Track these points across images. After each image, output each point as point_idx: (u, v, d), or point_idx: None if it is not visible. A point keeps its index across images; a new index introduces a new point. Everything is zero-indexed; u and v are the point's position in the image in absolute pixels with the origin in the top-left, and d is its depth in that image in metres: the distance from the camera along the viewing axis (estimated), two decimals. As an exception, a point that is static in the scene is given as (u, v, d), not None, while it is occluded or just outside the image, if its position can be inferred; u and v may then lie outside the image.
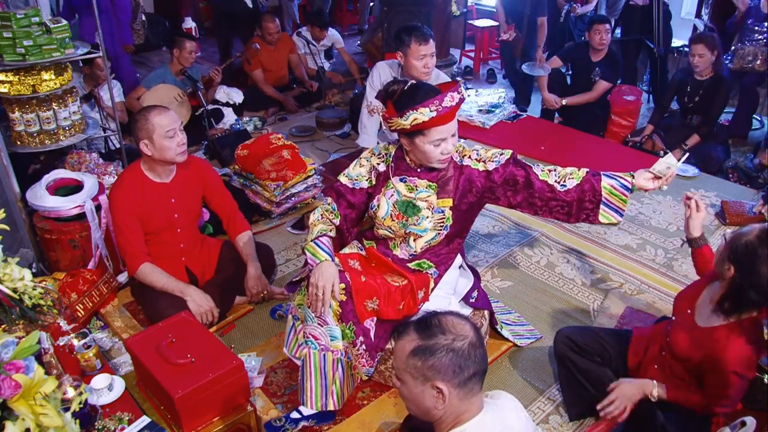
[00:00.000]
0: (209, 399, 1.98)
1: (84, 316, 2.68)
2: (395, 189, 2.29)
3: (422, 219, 2.27)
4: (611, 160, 4.32)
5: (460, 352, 1.37)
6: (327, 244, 2.24)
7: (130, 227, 2.57)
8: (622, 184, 2.21)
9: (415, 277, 2.29)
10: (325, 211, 2.35)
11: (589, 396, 2.21)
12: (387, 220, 2.31)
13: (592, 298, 3.00)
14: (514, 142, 4.65)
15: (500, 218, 3.68)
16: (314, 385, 2.19)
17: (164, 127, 2.47)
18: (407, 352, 1.40)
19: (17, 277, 1.88)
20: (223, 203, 2.84)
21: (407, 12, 4.89)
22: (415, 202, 2.26)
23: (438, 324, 1.41)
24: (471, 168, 2.26)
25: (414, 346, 1.39)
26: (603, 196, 2.21)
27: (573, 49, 4.92)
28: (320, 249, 2.21)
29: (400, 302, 2.26)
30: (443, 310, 1.49)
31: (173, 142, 2.51)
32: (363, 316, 2.23)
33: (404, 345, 1.41)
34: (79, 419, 1.60)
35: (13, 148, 3.01)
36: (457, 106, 2.11)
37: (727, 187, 4.02)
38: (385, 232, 2.36)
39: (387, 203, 2.30)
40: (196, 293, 2.61)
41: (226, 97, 4.98)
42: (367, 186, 2.36)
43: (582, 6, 5.85)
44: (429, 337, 1.39)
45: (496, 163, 2.26)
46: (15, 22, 2.75)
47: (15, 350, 1.45)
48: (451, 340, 1.38)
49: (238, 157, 3.76)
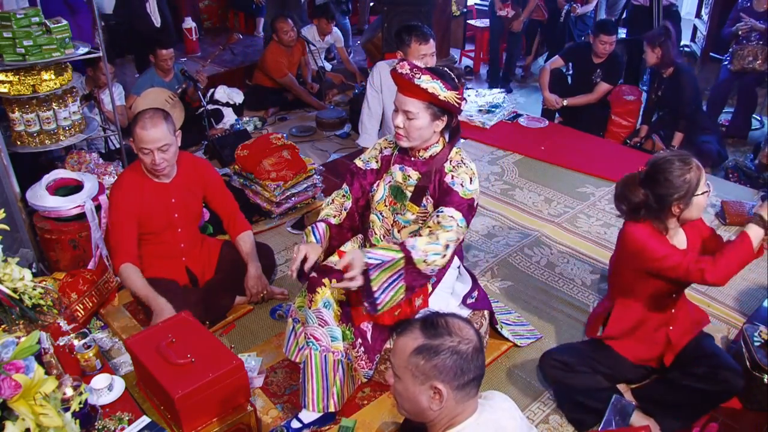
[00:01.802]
0: (209, 399, 1.98)
1: (84, 316, 2.68)
2: (392, 175, 2.31)
3: (406, 211, 2.28)
4: (611, 160, 4.32)
5: (465, 355, 1.37)
6: (321, 231, 2.30)
7: (123, 226, 2.55)
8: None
9: None
10: (338, 196, 2.42)
11: (590, 407, 2.24)
12: (380, 204, 2.34)
13: (592, 298, 3.00)
14: (514, 142, 4.65)
15: (500, 218, 3.68)
16: (315, 387, 2.19)
17: (140, 142, 2.44)
18: (410, 349, 1.39)
19: (17, 277, 1.88)
20: (224, 203, 2.84)
21: (407, 12, 4.89)
22: (403, 189, 2.27)
23: (444, 325, 1.40)
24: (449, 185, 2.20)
25: (418, 345, 1.38)
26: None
27: (575, 50, 4.92)
28: (313, 234, 2.28)
29: (396, 308, 2.25)
30: (446, 311, 1.49)
31: (147, 159, 2.48)
32: (358, 319, 2.23)
33: (407, 342, 1.40)
34: (79, 419, 1.60)
35: (13, 148, 3.00)
36: (406, 79, 2.06)
37: (727, 187, 4.02)
38: (375, 218, 2.38)
39: (384, 187, 2.33)
40: (166, 309, 2.46)
41: (226, 97, 4.97)
42: (376, 167, 2.39)
43: (582, 6, 5.86)
44: (434, 337, 1.38)
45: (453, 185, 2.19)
46: (15, 22, 2.75)
47: (15, 350, 1.45)
48: (456, 342, 1.37)
49: (238, 157, 3.76)
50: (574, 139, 4.63)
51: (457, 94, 2.10)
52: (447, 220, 2.13)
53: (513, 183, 4.11)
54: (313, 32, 5.77)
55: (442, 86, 2.06)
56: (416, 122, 2.13)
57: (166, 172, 2.57)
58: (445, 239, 2.11)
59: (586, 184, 4.07)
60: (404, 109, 2.12)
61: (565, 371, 2.28)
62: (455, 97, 2.10)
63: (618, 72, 4.72)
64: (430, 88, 2.05)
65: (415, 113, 2.11)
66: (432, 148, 2.24)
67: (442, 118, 2.17)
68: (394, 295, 2.13)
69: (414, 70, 2.07)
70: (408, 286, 2.15)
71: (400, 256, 2.08)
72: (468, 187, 2.17)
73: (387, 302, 2.13)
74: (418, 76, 2.06)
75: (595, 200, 3.87)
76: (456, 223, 2.13)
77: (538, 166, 4.32)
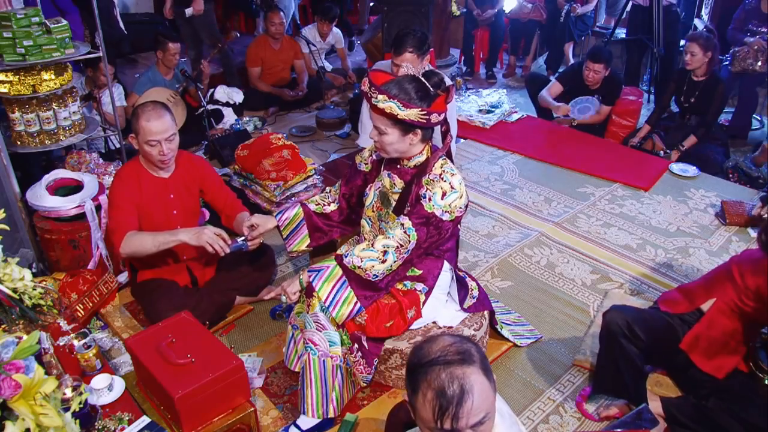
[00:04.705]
0: (209, 399, 1.98)
1: (84, 316, 2.68)
2: (381, 180, 2.30)
3: (389, 219, 2.25)
4: (611, 160, 4.32)
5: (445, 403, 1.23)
6: (290, 211, 2.42)
7: (123, 210, 2.51)
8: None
9: (404, 298, 2.27)
10: (332, 188, 2.50)
11: (621, 381, 2.23)
12: (369, 209, 2.33)
13: (592, 298, 3.00)
14: (514, 142, 4.65)
15: (500, 218, 3.68)
16: (315, 393, 2.19)
17: (148, 135, 2.44)
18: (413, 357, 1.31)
19: (17, 277, 1.88)
20: (221, 196, 2.79)
21: (407, 12, 4.89)
22: (389, 196, 2.25)
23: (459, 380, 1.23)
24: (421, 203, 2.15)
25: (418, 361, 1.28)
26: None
27: (571, 74, 4.79)
28: (279, 213, 2.43)
29: (388, 320, 2.25)
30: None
31: (154, 151, 2.48)
32: (350, 328, 2.24)
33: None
34: (79, 419, 1.60)
35: (13, 148, 3.00)
36: (366, 97, 2.03)
37: (727, 187, 4.02)
38: (364, 223, 2.38)
39: (374, 193, 2.32)
40: (188, 233, 2.42)
41: (226, 97, 4.97)
42: (365, 170, 2.39)
43: (582, 6, 5.86)
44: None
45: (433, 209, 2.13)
46: (15, 22, 2.75)
47: (15, 350, 1.45)
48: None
49: (238, 157, 3.76)
50: (574, 139, 4.64)
51: (420, 110, 1.99)
52: (393, 227, 2.14)
53: (513, 183, 4.11)
54: (313, 33, 5.77)
55: (399, 105, 1.97)
56: (386, 137, 2.08)
57: (171, 163, 2.57)
58: (381, 245, 2.11)
59: (586, 184, 4.07)
60: (375, 124, 2.09)
61: (626, 337, 2.21)
62: (418, 114, 1.99)
63: (616, 93, 4.66)
64: (387, 108, 1.99)
65: (383, 129, 2.06)
66: (416, 158, 2.17)
67: (414, 132, 2.08)
68: (344, 303, 2.14)
69: (372, 89, 2.00)
70: (358, 295, 2.15)
71: (333, 263, 2.15)
72: (436, 201, 2.09)
73: (339, 310, 2.14)
74: (375, 96, 2.00)
75: (595, 200, 3.87)
76: (401, 231, 2.11)
77: (538, 166, 4.32)
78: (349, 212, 2.47)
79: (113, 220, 2.54)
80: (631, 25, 5.46)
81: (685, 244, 3.42)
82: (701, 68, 4.16)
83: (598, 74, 4.49)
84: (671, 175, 4.14)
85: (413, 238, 2.12)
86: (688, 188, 3.99)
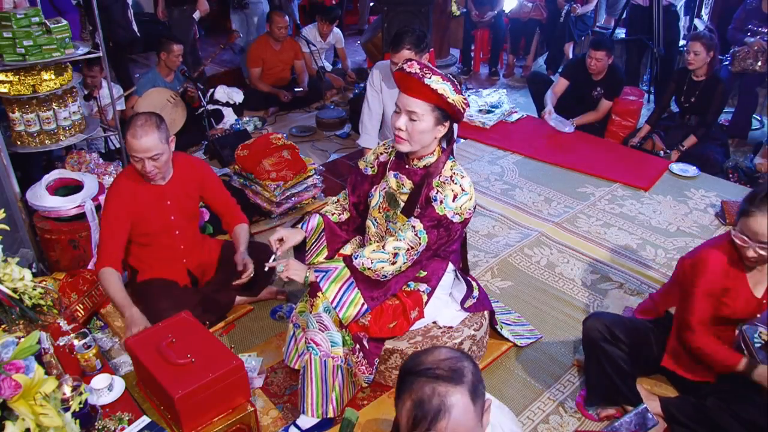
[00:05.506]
0: (209, 399, 1.98)
1: (84, 316, 2.68)
2: (387, 181, 2.30)
3: (397, 220, 2.25)
4: (611, 160, 4.33)
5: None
6: (313, 222, 2.41)
7: (111, 229, 2.52)
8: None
9: (408, 299, 2.28)
10: (342, 197, 2.50)
11: (612, 385, 2.23)
12: (375, 210, 2.33)
13: (592, 298, 3.00)
14: (514, 142, 4.65)
15: (500, 218, 3.68)
16: (315, 392, 2.19)
17: (131, 150, 2.43)
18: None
19: (17, 277, 1.88)
20: (221, 200, 2.81)
21: (407, 12, 4.89)
22: (397, 197, 2.25)
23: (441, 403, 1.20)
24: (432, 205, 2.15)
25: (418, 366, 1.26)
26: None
27: (574, 66, 4.80)
28: (303, 223, 2.41)
29: (392, 321, 2.25)
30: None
31: (138, 165, 2.47)
32: (352, 329, 2.24)
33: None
34: (79, 419, 1.60)
35: (13, 148, 3.01)
36: (415, 78, 1.98)
37: (727, 187, 4.02)
38: (369, 224, 2.37)
39: (380, 194, 2.31)
40: (139, 321, 2.40)
41: (226, 97, 4.98)
42: (371, 173, 2.38)
43: (582, 6, 5.86)
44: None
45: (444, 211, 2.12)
46: (15, 22, 2.75)
47: (15, 350, 1.45)
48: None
49: (238, 157, 3.76)
50: (574, 138, 4.64)
51: (464, 99, 2.05)
52: (404, 229, 2.14)
53: (513, 183, 4.11)
54: (314, 33, 5.77)
55: (452, 88, 2.00)
56: (420, 124, 2.04)
57: (158, 177, 2.55)
58: (392, 247, 2.12)
59: (586, 184, 4.07)
60: (408, 109, 2.03)
61: (607, 341, 2.23)
62: (462, 102, 2.04)
63: (619, 89, 4.67)
64: (440, 89, 1.98)
65: (421, 115, 2.02)
66: (426, 158, 2.17)
67: (444, 124, 2.09)
68: (351, 305, 2.15)
69: (424, 70, 1.99)
70: (365, 297, 2.15)
71: (341, 264, 2.16)
72: (448, 204, 2.09)
73: (346, 312, 2.15)
74: (429, 76, 1.98)
75: (595, 200, 3.87)
76: (413, 234, 2.11)
77: (538, 166, 4.32)
78: (361, 221, 2.46)
79: (100, 238, 2.55)
80: (631, 25, 5.46)
81: (685, 244, 3.42)
82: (702, 68, 4.16)
83: (600, 62, 4.50)
84: (671, 175, 4.14)
85: (424, 240, 2.12)
86: (688, 188, 3.99)
